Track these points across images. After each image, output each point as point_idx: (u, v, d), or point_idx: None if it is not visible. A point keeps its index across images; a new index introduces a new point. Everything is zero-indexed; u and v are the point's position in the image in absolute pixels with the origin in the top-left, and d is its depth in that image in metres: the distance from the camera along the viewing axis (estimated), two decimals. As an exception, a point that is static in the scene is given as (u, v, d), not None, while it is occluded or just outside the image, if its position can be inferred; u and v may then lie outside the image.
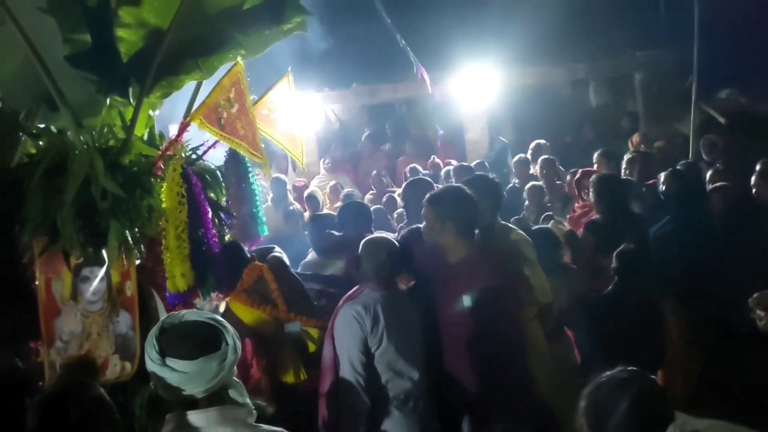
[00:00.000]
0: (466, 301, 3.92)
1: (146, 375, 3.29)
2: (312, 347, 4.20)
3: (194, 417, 2.40)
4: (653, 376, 2.51)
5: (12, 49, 3.30)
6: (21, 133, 3.68)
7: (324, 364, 3.98)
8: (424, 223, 4.20)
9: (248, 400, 2.53)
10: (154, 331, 2.41)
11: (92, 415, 2.61)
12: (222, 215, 3.81)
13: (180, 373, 2.33)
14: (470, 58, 10.97)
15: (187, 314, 2.48)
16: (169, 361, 2.33)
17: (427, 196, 4.24)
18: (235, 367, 2.47)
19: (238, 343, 2.46)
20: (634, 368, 2.50)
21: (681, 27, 9.43)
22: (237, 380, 2.53)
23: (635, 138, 10.09)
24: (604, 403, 2.42)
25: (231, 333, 2.44)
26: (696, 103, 8.90)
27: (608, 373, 2.50)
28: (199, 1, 3.55)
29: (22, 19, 3.11)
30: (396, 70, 11.39)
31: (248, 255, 4.25)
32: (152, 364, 2.37)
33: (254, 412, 2.52)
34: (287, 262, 4.52)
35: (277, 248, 4.56)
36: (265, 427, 2.50)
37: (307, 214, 8.23)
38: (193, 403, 2.40)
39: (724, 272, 5.55)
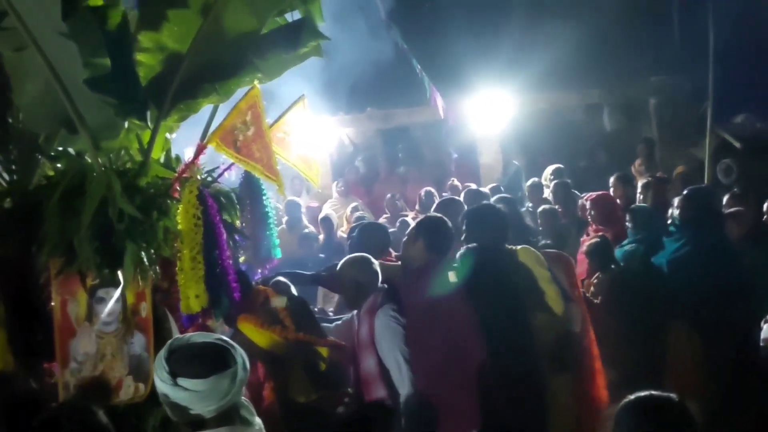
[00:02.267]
0: None
1: (159, 397, 3.34)
2: (322, 366, 4.23)
3: None
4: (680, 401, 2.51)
5: (33, 72, 3.35)
6: (40, 156, 3.73)
7: (368, 375, 4.14)
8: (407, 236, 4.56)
9: (257, 419, 2.53)
10: (162, 353, 2.41)
11: None
12: (236, 237, 3.83)
13: (192, 392, 2.33)
14: (485, 83, 11.03)
15: (194, 336, 2.50)
16: (181, 381, 2.34)
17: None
18: (244, 388, 2.46)
19: (247, 362, 2.47)
20: (664, 393, 2.53)
21: (696, 52, 9.43)
22: (246, 400, 2.53)
23: (637, 163, 10.09)
24: (631, 426, 2.42)
25: (239, 352, 2.46)
26: (711, 128, 8.89)
27: (637, 395, 2.51)
28: (217, 26, 3.60)
29: (43, 43, 3.16)
30: (411, 95, 11.45)
31: (252, 281, 4.29)
32: (163, 385, 2.37)
33: (261, 424, 2.51)
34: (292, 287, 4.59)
35: (280, 277, 4.63)
36: None
37: (321, 237, 8.25)
38: (202, 424, 2.39)
39: (740, 298, 5.52)
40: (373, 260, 4.50)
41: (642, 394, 2.56)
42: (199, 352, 2.40)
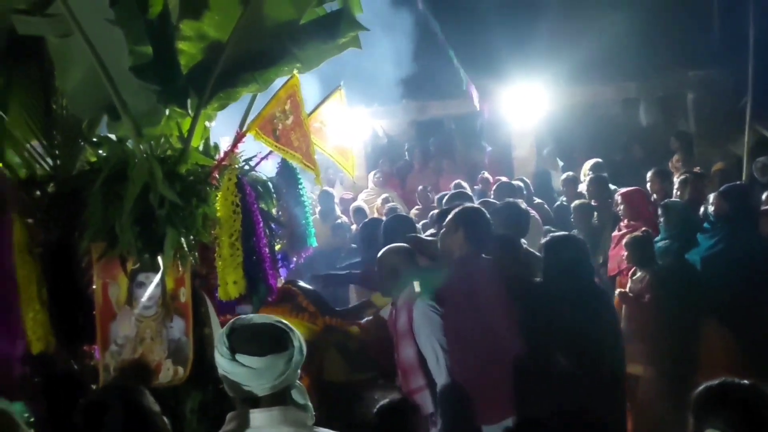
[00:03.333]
0: None
1: (198, 380, 3.39)
2: (354, 346, 4.37)
3: (257, 415, 2.43)
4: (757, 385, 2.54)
5: (77, 59, 3.42)
6: (83, 142, 3.80)
7: (406, 364, 4.18)
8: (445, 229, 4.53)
9: (309, 403, 2.57)
10: (224, 330, 2.47)
11: (132, 421, 2.66)
12: (272, 226, 3.87)
13: (248, 369, 2.38)
14: (520, 75, 10.96)
15: (256, 317, 2.55)
16: (239, 357, 2.39)
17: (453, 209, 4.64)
18: (300, 370, 2.50)
19: (304, 346, 2.51)
20: (739, 380, 2.55)
21: (735, 46, 9.29)
22: (300, 383, 2.58)
23: (675, 159, 9.96)
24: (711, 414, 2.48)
25: (297, 335, 2.50)
26: (750, 124, 8.74)
27: (711, 383, 2.57)
28: (257, 16, 3.63)
29: (88, 30, 3.21)
30: (445, 87, 11.41)
31: None
32: (222, 360, 2.42)
33: (314, 415, 2.55)
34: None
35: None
36: (323, 430, 2.53)
37: (354, 227, 8.28)
38: (256, 402, 2.44)
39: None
40: (414, 254, 4.55)
41: (718, 381, 2.57)
42: (259, 332, 2.45)
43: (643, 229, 6.48)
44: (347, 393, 4.19)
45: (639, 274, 5.97)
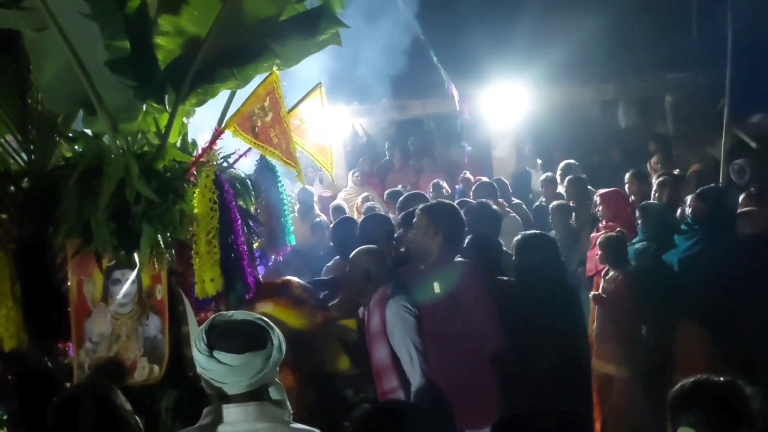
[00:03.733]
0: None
1: (173, 378, 3.36)
2: (354, 337, 4.37)
3: (233, 410, 2.44)
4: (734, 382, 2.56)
5: (53, 53, 3.36)
6: (58, 137, 3.75)
7: (380, 365, 4.14)
8: (416, 228, 4.48)
9: (287, 400, 2.56)
10: (204, 326, 2.48)
11: (105, 420, 2.64)
12: (251, 223, 3.84)
13: (225, 366, 2.39)
14: (500, 76, 10.99)
15: (236, 313, 2.56)
16: (217, 354, 2.40)
17: (422, 205, 4.60)
18: (278, 368, 2.50)
19: (283, 344, 2.51)
20: (716, 377, 2.57)
21: (713, 49, 9.37)
22: (278, 381, 2.57)
23: (653, 161, 10.03)
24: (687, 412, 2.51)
25: (277, 334, 2.50)
26: (727, 127, 8.83)
27: (687, 381, 2.59)
28: (236, 11, 3.60)
29: (64, 24, 3.17)
30: (426, 86, 11.43)
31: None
32: (200, 356, 2.44)
33: (291, 411, 2.54)
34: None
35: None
36: (300, 426, 2.53)
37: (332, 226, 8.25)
38: (233, 398, 2.45)
39: (751, 298, 5.49)
40: (386, 255, 4.51)
41: (692, 379, 2.58)
42: (238, 329, 2.47)
43: (618, 229, 6.54)
44: (347, 385, 4.21)
45: (612, 273, 6.02)
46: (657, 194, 7.56)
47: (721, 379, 2.55)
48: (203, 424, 2.47)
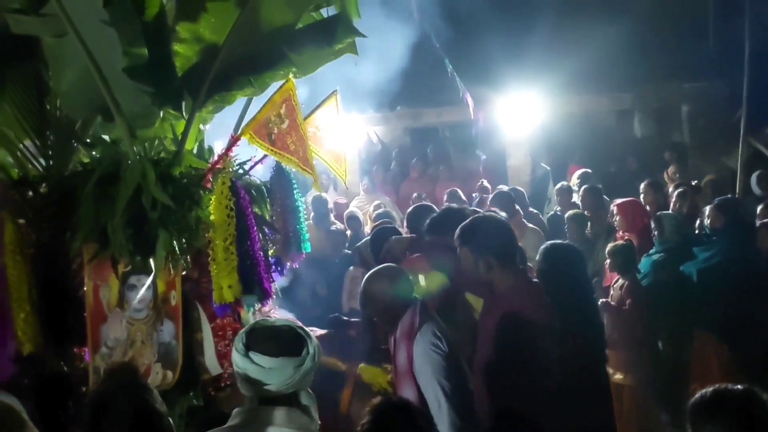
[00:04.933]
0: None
1: (187, 385, 3.37)
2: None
3: (262, 412, 2.48)
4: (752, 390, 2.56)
5: (72, 59, 3.39)
6: (76, 142, 3.77)
7: None
8: (464, 263, 3.88)
9: (316, 412, 2.60)
10: (246, 328, 2.56)
11: (140, 420, 2.64)
12: (266, 230, 3.85)
13: (258, 367, 2.45)
14: (516, 85, 10.97)
15: (279, 320, 2.64)
16: (252, 354, 2.46)
17: (458, 233, 3.90)
18: (311, 376, 2.54)
19: (318, 355, 2.55)
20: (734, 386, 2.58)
21: (731, 59, 9.32)
22: (310, 391, 2.60)
23: (671, 170, 9.98)
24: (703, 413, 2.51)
25: (314, 343, 2.55)
26: (744, 138, 8.77)
27: (707, 390, 2.59)
28: (254, 19, 3.62)
29: (83, 30, 3.19)
30: (441, 95, 11.42)
31: None
32: (236, 355, 2.50)
33: (318, 422, 2.57)
34: None
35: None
36: None
37: (348, 233, 8.26)
38: (263, 400, 2.50)
39: (768, 310, 5.47)
40: (403, 269, 4.03)
41: (712, 389, 2.58)
42: (276, 334, 2.53)
43: (626, 237, 6.53)
44: None
45: (619, 281, 6.01)
46: (677, 205, 7.50)
47: (740, 387, 2.55)
48: (232, 425, 2.51)
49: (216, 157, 3.63)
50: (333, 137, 4.36)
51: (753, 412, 2.48)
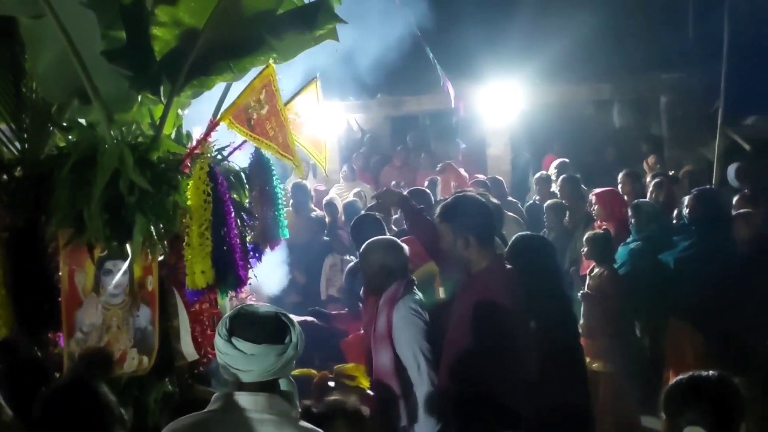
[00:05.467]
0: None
1: (163, 370, 3.36)
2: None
3: (242, 398, 2.48)
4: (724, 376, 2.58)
5: (49, 41, 3.35)
6: (52, 126, 3.73)
7: (381, 371, 3.96)
8: (445, 240, 3.96)
9: (297, 398, 2.60)
10: (229, 314, 2.56)
11: (89, 411, 2.63)
12: (244, 217, 3.83)
13: (241, 353, 2.45)
14: (495, 74, 10.98)
15: (262, 306, 2.62)
16: (235, 340, 2.45)
17: (440, 210, 4.05)
18: (293, 365, 2.55)
19: (301, 343, 2.55)
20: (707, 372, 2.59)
21: (709, 50, 9.39)
22: (291, 379, 2.60)
23: (651, 160, 10.06)
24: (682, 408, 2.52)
25: (297, 331, 2.55)
26: (721, 129, 8.85)
27: (682, 377, 2.61)
28: (234, 4, 3.59)
29: (60, 12, 3.15)
30: (421, 83, 11.41)
31: None
32: (219, 340, 2.50)
33: (299, 408, 2.57)
34: None
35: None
36: (306, 425, 2.55)
37: (328, 220, 8.25)
38: (244, 386, 2.50)
39: (745, 299, 5.52)
40: (404, 246, 4.26)
41: (688, 376, 2.60)
42: (260, 321, 2.52)
43: (604, 227, 6.58)
44: None
45: (597, 270, 6.07)
46: (653, 195, 7.59)
47: (715, 373, 2.58)
48: (212, 409, 2.51)
49: (195, 143, 3.60)
50: (313, 124, 4.34)
51: (728, 399, 2.50)
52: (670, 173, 8.85)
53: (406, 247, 4.24)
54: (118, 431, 2.64)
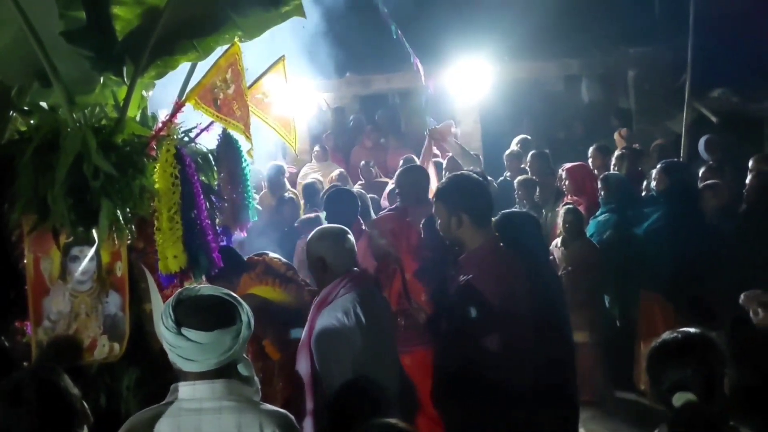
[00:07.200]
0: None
1: (134, 357, 3.31)
2: None
3: (200, 387, 2.42)
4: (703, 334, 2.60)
5: (5, 22, 3.26)
6: (12, 110, 3.64)
7: (302, 379, 3.64)
8: (438, 220, 3.90)
9: (256, 378, 2.54)
10: (170, 302, 2.44)
11: (48, 404, 2.56)
12: (213, 199, 3.77)
13: (194, 344, 2.36)
14: (464, 51, 10.93)
15: (204, 288, 2.52)
16: (185, 331, 2.37)
17: (435, 191, 4.02)
18: (246, 345, 2.47)
19: (252, 321, 2.48)
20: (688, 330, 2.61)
21: (675, 24, 9.43)
22: (246, 357, 2.54)
23: (623, 132, 10.12)
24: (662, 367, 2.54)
25: (245, 310, 2.47)
26: (689, 102, 8.91)
27: (664, 337, 2.62)
28: (197, -20, 3.51)
29: (17, -8, 3.07)
30: (390, 61, 11.34)
31: (243, 258, 4.26)
32: (167, 333, 2.40)
33: (260, 390, 2.52)
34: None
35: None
36: (267, 406, 2.50)
37: (302, 203, 8.18)
38: (200, 375, 2.42)
39: (714, 269, 5.59)
40: (349, 236, 3.86)
41: (671, 334, 2.62)
42: (206, 305, 2.43)
43: (575, 201, 6.64)
44: None
45: (557, 241, 6.17)
46: (616, 167, 7.65)
47: (698, 331, 2.60)
48: (169, 401, 2.45)
49: (160, 124, 3.53)
50: (281, 104, 4.28)
51: (710, 354, 2.53)
52: (635, 146, 8.92)
53: (351, 240, 3.84)
54: (79, 426, 2.58)
